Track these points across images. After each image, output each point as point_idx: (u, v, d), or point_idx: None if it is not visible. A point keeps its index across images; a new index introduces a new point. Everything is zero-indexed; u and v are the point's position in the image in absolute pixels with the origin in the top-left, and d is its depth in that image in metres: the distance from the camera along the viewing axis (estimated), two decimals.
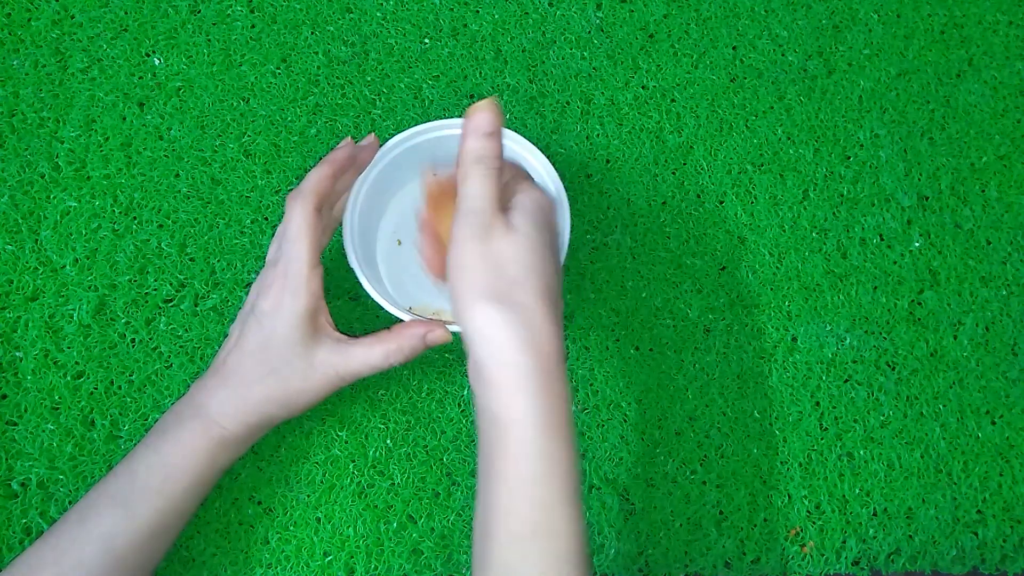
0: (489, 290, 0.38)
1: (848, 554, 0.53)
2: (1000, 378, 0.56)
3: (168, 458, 0.43)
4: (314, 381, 0.45)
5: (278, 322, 0.44)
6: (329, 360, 0.45)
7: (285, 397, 0.45)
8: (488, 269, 0.38)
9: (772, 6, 0.61)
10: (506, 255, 0.38)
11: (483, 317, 0.37)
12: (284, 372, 0.44)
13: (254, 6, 0.59)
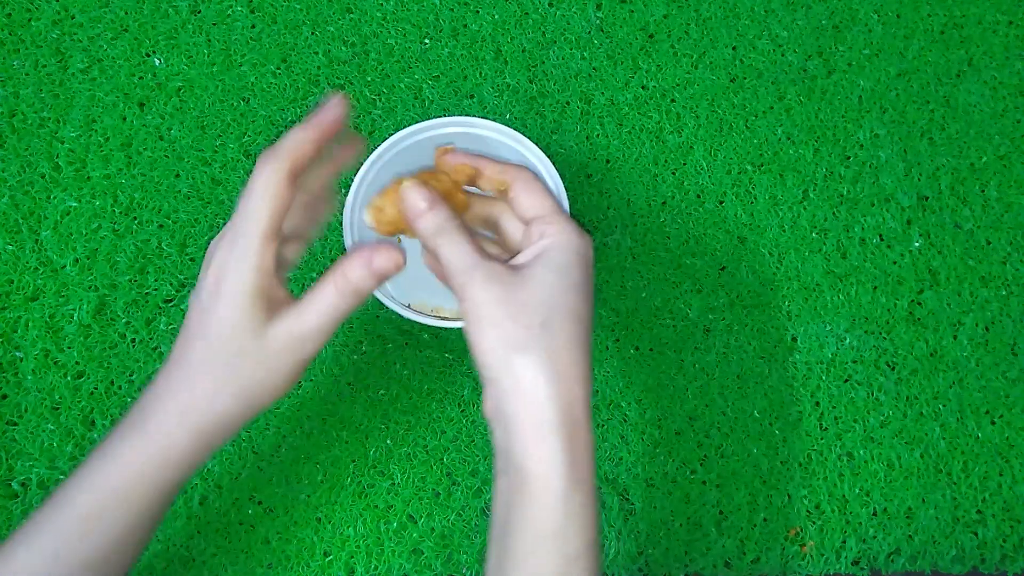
0: (508, 339, 0.37)
1: (848, 554, 0.53)
2: (1000, 378, 0.56)
3: (107, 481, 0.38)
4: (274, 364, 0.39)
5: (220, 303, 0.38)
6: (285, 331, 0.39)
7: (242, 391, 0.39)
8: (505, 318, 0.37)
9: (772, 6, 0.61)
10: (525, 304, 0.37)
11: (503, 366, 0.37)
12: (235, 362, 0.39)
13: (254, 6, 0.59)
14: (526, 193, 0.42)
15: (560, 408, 0.36)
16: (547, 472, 0.36)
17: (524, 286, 0.38)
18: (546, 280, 0.38)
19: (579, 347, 0.38)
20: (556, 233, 0.40)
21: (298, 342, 0.39)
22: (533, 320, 0.37)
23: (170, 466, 0.38)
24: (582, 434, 0.37)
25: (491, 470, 0.53)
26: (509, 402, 0.37)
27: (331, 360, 0.54)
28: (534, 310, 0.37)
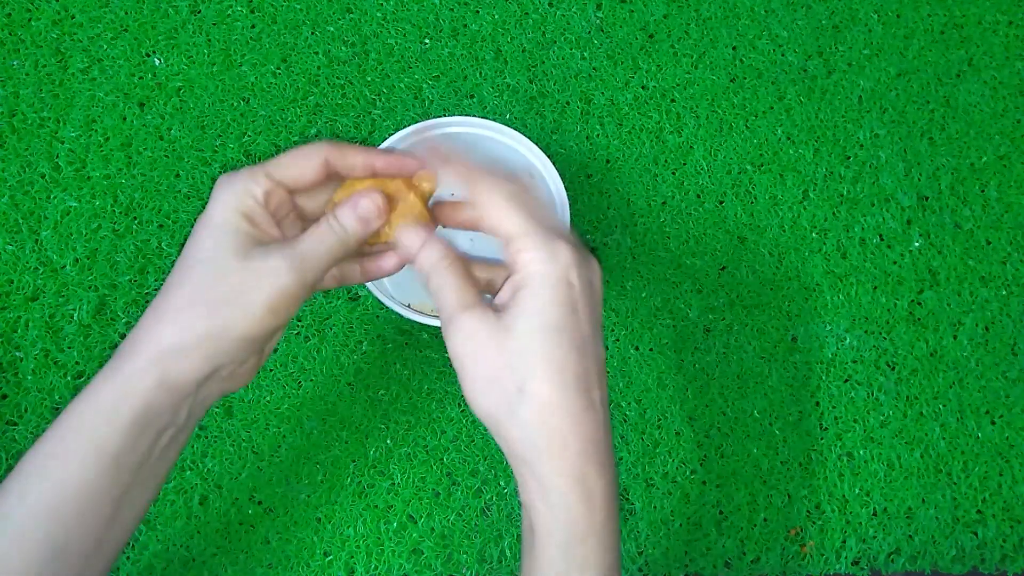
0: (492, 403, 0.35)
1: (848, 554, 0.53)
2: (1000, 378, 0.56)
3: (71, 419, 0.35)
4: (253, 284, 0.36)
5: (205, 227, 0.37)
6: (270, 253, 0.37)
7: (215, 309, 0.36)
8: (485, 381, 0.35)
9: (772, 6, 0.61)
10: (500, 363, 0.35)
11: (495, 428, 0.36)
12: (211, 278, 0.36)
13: (254, 6, 0.59)
14: (491, 208, 0.38)
15: (555, 469, 0.35)
16: (548, 529, 0.35)
17: (500, 342, 0.35)
18: (521, 331, 0.35)
19: (566, 399, 0.35)
20: (528, 263, 0.36)
21: (282, 266, 0.37)
22: (509, 384, 0.35)
23: (136, 396, 0.35)
24: (586, 485, 0.35)
25: (491, 470, 0.53)
26: (510, 461, 0.36)
27: (331, 360, 0.54)
28: (509, 372, 0.35)
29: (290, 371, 0.53)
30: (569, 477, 0.35)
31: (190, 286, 0.37)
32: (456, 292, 0.37)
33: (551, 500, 0.35)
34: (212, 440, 0.52)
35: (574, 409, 0.35)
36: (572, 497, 0.35)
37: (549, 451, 0.35)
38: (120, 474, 0.35)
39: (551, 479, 0.35)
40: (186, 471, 0.52)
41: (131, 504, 0.36)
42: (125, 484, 0.35)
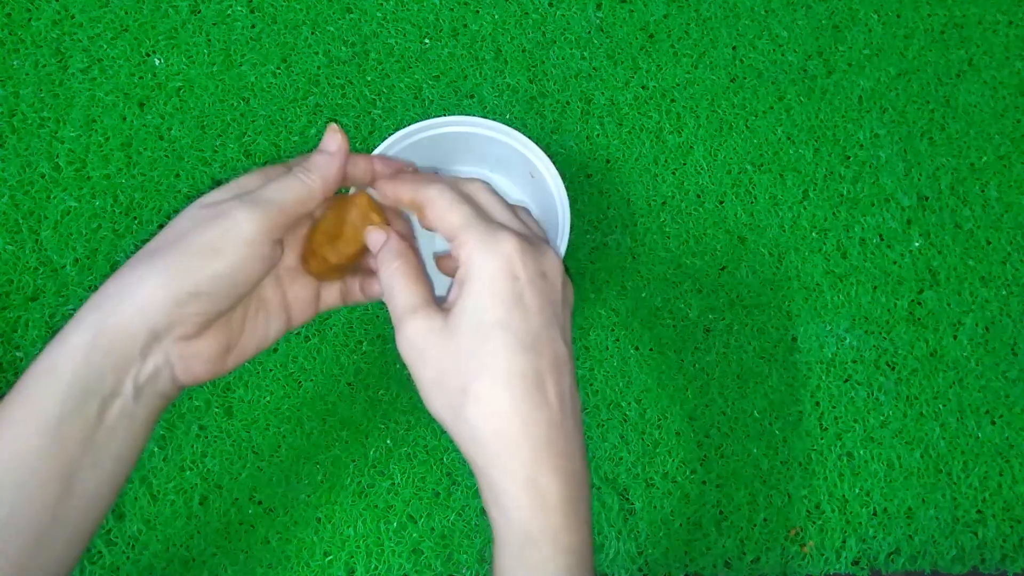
0: (441, 405, 0.35)
1: (848, 554, 0.53)
2: (1000, 378, 0.56)
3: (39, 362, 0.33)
4: (205, 230, 0.35)
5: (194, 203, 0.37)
6: (230, 201, 0.36)
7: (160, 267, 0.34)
8: (432, 383, 0.35)
9: (772, 6, 0.61)
10: (444, 367, 0.35)
11: (449, 428, 0.36)
12: (164, 239, 0.35)
13: (254, 6, 0.59)
14: (435, 208, 0.37)
15: (504, 470, 0.34)
16: (502, 532, 0.35)
17: (443, 345, 0.35)
18: (463, 331, 0.35)
19: (513, 399, 0.34)
20: (468, 257, 0.35)
21: (233, 205, 0.35)
22: (453, 386, 0.35)
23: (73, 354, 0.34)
24: (538, 487, 0.34)
25: None
26: (467, 460, 0.36)
27: (331, 360, 0.54)
28: (452, 375, 0.35)
29: (290, 371, 0.53)
30: (519, 481, 0.34)
31: (152, 242, 0.36)
32: (403, 294, 0.37)
33: (502, 503, 0.34)
34: (212, 440, 0.52)
35: (522, 410, 0.34)
36: (522, 500, 0.34)
37: (496, 454, 0.34)
38: (65, 444, 0.33)
39: (501, 483, 0.34)
40: (186, 471, 0.52)
41: (84, 483, 0.34)
42: (73, 458, 0.34)
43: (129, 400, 0.35)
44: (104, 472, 0.35)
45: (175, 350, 0.36)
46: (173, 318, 0.35)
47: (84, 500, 0.35)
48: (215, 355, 0.38)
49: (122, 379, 0.35)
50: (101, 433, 0.34)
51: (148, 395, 0.36)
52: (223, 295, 0.36)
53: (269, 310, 0.41)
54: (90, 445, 0.34)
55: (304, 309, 0.43)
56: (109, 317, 0.34)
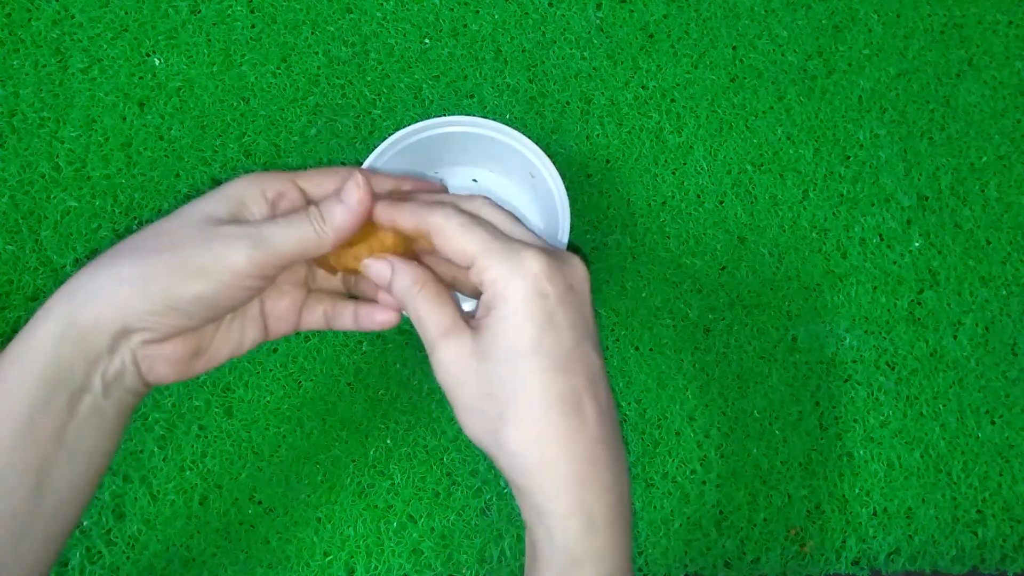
0: (480, 430, 0.35)
1: (848, 554, 0.53)
2: (1000, 378, 0.56)
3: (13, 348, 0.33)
4: (195, 249, 0.34)
5: (191, 203, 0.36)
6: (232, 227, 0.35)
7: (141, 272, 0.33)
8: (470, 410, 0.35)
9: (772, 6, 0.61)
10: (481, 391, 0.34)
11: (490, 452, 0.35)
12: (152, 243, 0.35)
13: (254, 6, 0.59)
14: (447, 242, 0.36)
15: (548, 495, 0.34)
16: (545, 553, 0.34)
17: (478, 370, 0.34)
18: (496, 357, 0.34)
19: (550, 423, 0.34)
20: (493, 282, 0.35)
21: (233, 233, 0.35)
22: (490, 413, 0.34)
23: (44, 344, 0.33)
24: (583, 508, 0.34)
25: (491, 470, 0.53)
26: (507, 482, 0.36)
27: (331, 360, 0.54)
28: (491, 401, 0.34)
29: (290, 371, 0.53)
30: (564, 503, 0.34)
31: (138, 238, 0.35)
32: (432, 318, 0.36)
33: (547, 525, 0.34)
34: (212, 440, 0.52)
35: (560, 432, 0.34)
36: (570, 523, 0.34)
37: (539, 479, 0.34)
38: (38, 437, 0.33)
39: (544, 506, 0.34)
40: (186, 471, 0.52)
41: (58, 478, 0.34)
42: (45, 451, 0.33)
43: (99, 396, 0.35)
44: (78, 468, 0.35)
45: (140, 350, 0.36)
46: (146, 323, 0.35)
47: (59, 496, 0.34)
48: (181, 359, 0.38)
49: (91, 374, 0.34)
50: (72, 428, 0.34)
51: (117, 391, 0.36)
52: (200, 315, 0.36)
53: (246, 320, 0.41)
54: (62, 439, 0.34)
55: (282, 325, 0.42)
56: (83, 308, 0.34)
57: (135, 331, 0.35)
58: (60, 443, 0.34)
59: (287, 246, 0.36)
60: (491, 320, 0.34)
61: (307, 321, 0.43)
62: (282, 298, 0.42)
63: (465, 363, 0.35)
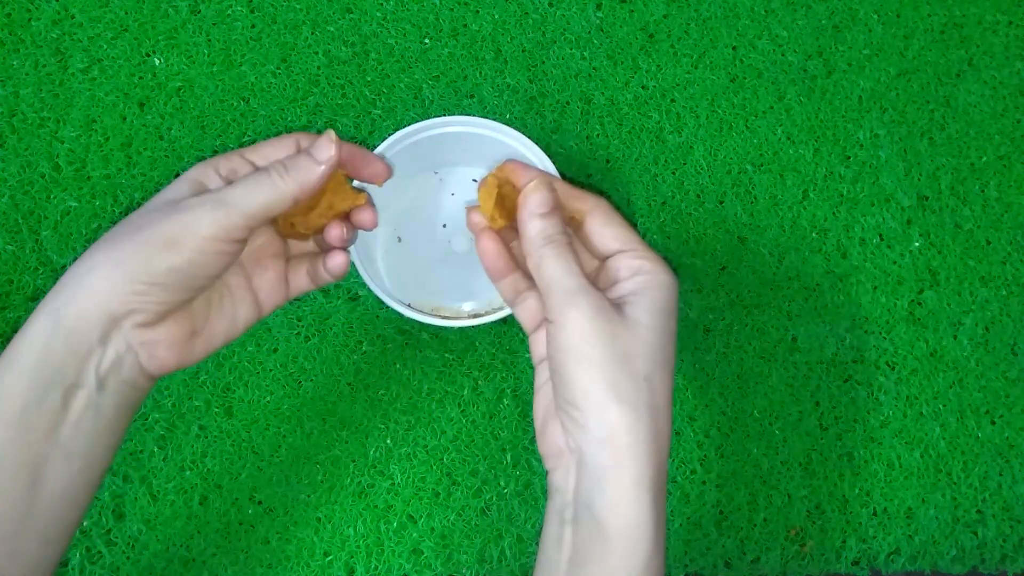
0: (611, 385, 0.35)
1: (848, 554, 0.53)
2: (1000, 378, 0.56)
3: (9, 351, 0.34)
4: (163, 223, 0.35)
5: (150, 200, 0.38)
6: (195, 198, 0.36)
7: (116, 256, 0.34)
8: (616, 366, 0.35)
9: (772, 6, 0.61)
10: (633, 352, 0.35)
11: (599, 411, 0.34)
12: (124, 229, 0.36)
13: (254, 6, 0.59)
14: (608, 227, 0.39)
15: (654, 468, 0.34)
16: (635, 534, 0.34)
17: (631, 330, 0.35)
18: (653, 326, 0.36)
19: (671, 403, 0.36)
20: (652, 271, 0.38)
21: (195, 201, 0.36)
22: (639, 370, 0.35)
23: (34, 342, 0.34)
24: (664, 493, 0.35)
25: (491, 470, 0.53)
26: (597, 452, 0.34)
27: (331, 360, 0.54)
28: (642, 360, 0.35)
29: (290, 371, 0.53)
30: (659, 481, 0.35)
31: (109, 232, 0.36)
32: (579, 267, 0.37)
33: (643, 504, 0.34)
34: (212, 440, 0.52)
35: (670, 415, 0.36)
36: (659, 503, 0.35)
37: (652, 447, 0.34)
38: (31, 436, 0.33)
39: (649, 479, 0.34)
40: (186, 471, 0.52)
41: (54, 477, 0.34)
42: (39, 450, 0.33)
43: (93, 391, 0.35)
44: (74, 467, 0.35)
45: (135, 336, 0.36)
46: (131, 305, 0.35)
47: (56, 496, 0.34)
48: (179, 340, 0.38)
49: (83, 368, 0.34)
50: (67, 425, 0.34)
51: (113, 384, 0.36)
52: (181, 287, 0.36)
53: (235, 296, 0.41)
54: (56, 437, 0.34)
55: (272, 295, 0.42)
56: (66, 305, 0.34)
57: (122, 316, 0.35)
58: (54, 441, 0.34)
59: (249, 205, 0.36)
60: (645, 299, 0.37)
61: (295, 287, 0.44)
62: (266, 271, 0.42)
63: (614, 319, 0.36)
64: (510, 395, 0.54)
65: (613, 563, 0.34)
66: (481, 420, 0.54)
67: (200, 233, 0.35)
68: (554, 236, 0.38)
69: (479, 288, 0.52)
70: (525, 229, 0.38)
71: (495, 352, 0.54)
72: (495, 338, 0.55)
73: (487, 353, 0.54)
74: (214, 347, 0.40)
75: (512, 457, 0.53)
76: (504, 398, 0.54)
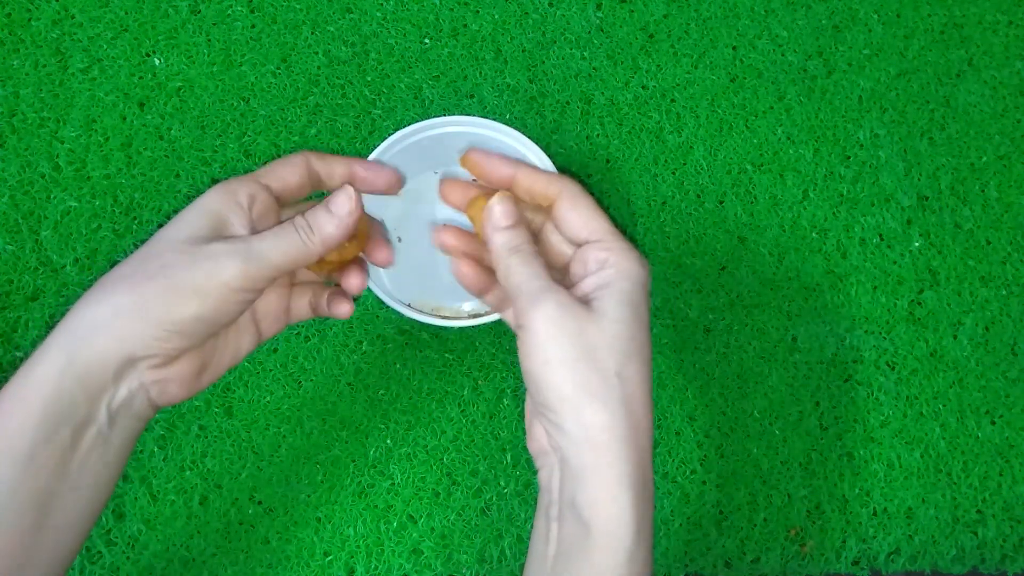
0: (580, 383, 0.34)
1: (848, 554, 0.53)
2: (1000, 378, 0.56)
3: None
4: (189, 271, 0.34)
5: (174, 222, 0.37)
6: (222, 244, 0.36)
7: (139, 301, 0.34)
8: (584, 364, 0.34)
9: (772, 6, 0.61)
10: (600, 347, 0.35)
11: (572, 411, 0.34)
12: (146, 269, 0.35)
13: (254, 6, 0.59)
14: (575, 211, 0.39)
15: (633, 464, 0.34)
16: (616, 531, 0.34)
17: (597, 324, 0.35)
18: (620, 318, 0.36)
19: (647, 393, 0.35)
20: (619, 262, 0.38)
21: (223, 251, 0.35)
22: (608, 365, 0.35)
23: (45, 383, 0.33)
24: (649, 487, 0.35)
25: (491, 470, 0.53)
26: (576, 451, 0.34)
27: (331, 360, 0.54)
28: (609, 354, 0.35)
29: (290, 371, 0.53)
30: (640, 476, 0.34)
31: (127, 267, 0.36)
32: (543, 270, 0.37)
33: (623, 501, 0.34)
34: (212, 440, 0.52)
35: (650, 406, 0.36)
36: (642, 499, 0.34)
37: (630, 443, 0.34)
38: (39, 474, 0.33)
39: (628, 476, 0.34)
40: (186, 471, 0.52)
41: (60, 511, 0.34)
42: (47, 486, 0.33)
43: (104, 427, 0.35)
44: (81, 499, 0.35)
45: (149, 375, 0.36)
46: (152, 350, 0.35)
47: (60, 528, 0.34)
48: (190, 377, 0.38)
49: (95, 406, 0.34)
50: (75, 461, 0.34)
51: (123, 419, 0.36)
52: (201, 333, 0.36)
53: (240, 327, 0.42)
54: (64, 473, 0.34)
55: (273, 324, 0.43)
56: (82, 345, 0.34)
57: (140, 359, 0.35)
58: (63, 476, 0.34)
59: (277, 258, 0.37)
60: (614, 292, 0.37)
61: (295, 315, 0.44)
62: (270, 301, 0.43)
63: (576, 316, 0.35)
64: (510, 395, 0.54)
65: (596, 559, 0.34)
66: (481, 420, 0.54)
67: (227, 284, 0.35)
68: (519, 246, 0.38)
69: None
70: (490, 242, 0.39)
71: (495, 352, 0.54)
72: (495, 338, 0.55)
73: (487, 353, 0.54)
74: (218, 376, 0.41)
75: (512, 457, 0.53)
76: (504, 398, 0.54)
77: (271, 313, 0.43)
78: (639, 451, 0.34)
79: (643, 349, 0.36)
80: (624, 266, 0.37)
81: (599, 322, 0.35)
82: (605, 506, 0.34)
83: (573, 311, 0.35)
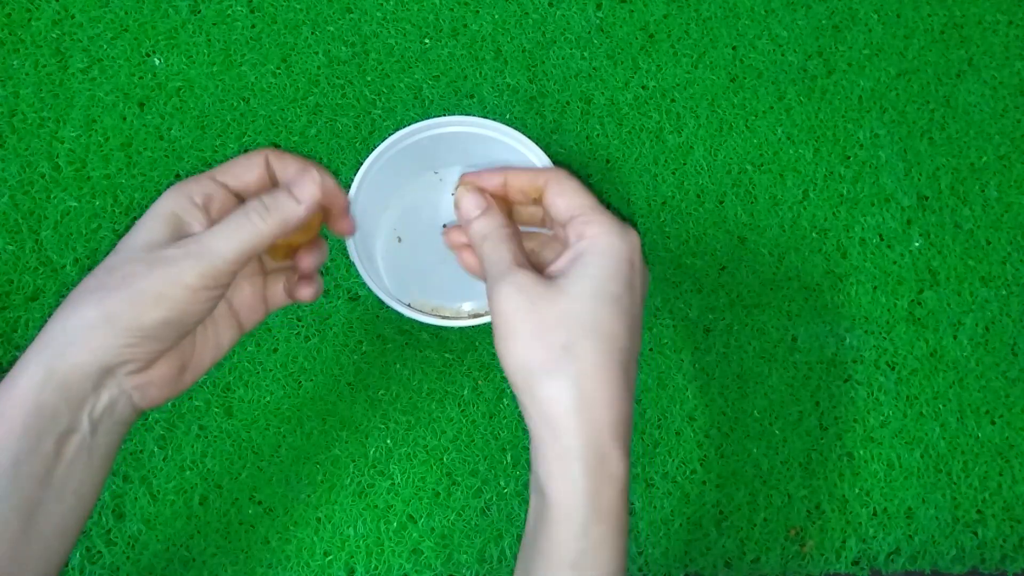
0: (531, 359, 0.35)
1: (848, 554, 0.53)
2: (1000, 378, 0.56)
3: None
4: (148, 279, 0.35)
5: (133, 229, 0.37)
6: (174, 247, 0.36)
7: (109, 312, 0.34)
8: (534, 340, 0.35)
9: (772, 6, 0.61)
10: (550, 322, 0.35)
11: (526, 387, 0.35)
12: (111, 279, 0.35)
13: (254, 6, 0.59)
14: (559, 195, 0.39)
15: (583, 437, 0.34)
16: (567, 502, 0.34)
17: (553, 300, 0.35)
18: (577, 293, 0.36)
19: (608, 368, 0.35)
20: (594, 235, 0.37)
21: (176, 254, 0.35)
22: (555, 341, 0.35)
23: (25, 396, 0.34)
24: (609, 463, 0.35)
25: (491, 470, 0.53)
26: (532, 425, 0.35)
27: (331, 360, 0.54)
28: (557, 329, 0.35)
29: (290, 371, 0.53)
30: (594, 450, 0.34)
31: (93, 280, 0.36)
32: (510, 253, 0.38)
33: (572, 473, 0.34)
34: (212, 440, 0.52)
35: (614, 382, 0.35)
36: (596, 473, 0.34)
37: (580, 417, 0.34)
38: (23, 484, 0.33)
39: (577, 449, 0.34)
40: (186, 471, 0.52)
41: (46, 519, 0.34)
42: (32, 496, 0.34)
43: (86, 435, 0.35)
44: (66, 506, 0.35)
45: (128, 381, 0.36)
46: (124, 357, 0.35)
47: (47, 536, 0.35)
48: (171, 377, 0.38)
49: (77, 416, 0.35)
50: (59, 469, 0.34)
51: (106, 426, 0.36)
52: (173, 335, 0.37)
53: (218, 323, 0.42)
54: (49, 482, 0.34)
55: (251, 314, 0.43)
56: (58, 358, 0.34)
57: (116, 366, 0.35)
58: (47, 485, 0.34)
59: (229, 252, 0.36)
60: (581, 264, 0.36)
61: (272, 303, 0.44)
62: (244, 292, 0.43)
63: (537, 292, 0.36)
64: (510, 395, 0.54)
65: (551, 532, 0.34)
66: (481, 420, 0.54)
67: (188, 285, 0.35)
68: (489, 233, 0.39)
69: (479, 288, 0.52)
70: (467, 234, 0.40)
71: (495, 352, 0.54)
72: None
73: (487, 353, 0.54)
74: (202, 373, 0.41)
75: (512, 457, 0.53)
76: (504, 398, 0.54)
77: (247, 303, 0.43)
78: (591, 425, 0.34)
79: (607, 323, 0.35)
80: (601, 240, 0.37)
81: (555, 298, 0.36)
82: (556, 479, 0.35)
83: (529, 290, 0.36)
